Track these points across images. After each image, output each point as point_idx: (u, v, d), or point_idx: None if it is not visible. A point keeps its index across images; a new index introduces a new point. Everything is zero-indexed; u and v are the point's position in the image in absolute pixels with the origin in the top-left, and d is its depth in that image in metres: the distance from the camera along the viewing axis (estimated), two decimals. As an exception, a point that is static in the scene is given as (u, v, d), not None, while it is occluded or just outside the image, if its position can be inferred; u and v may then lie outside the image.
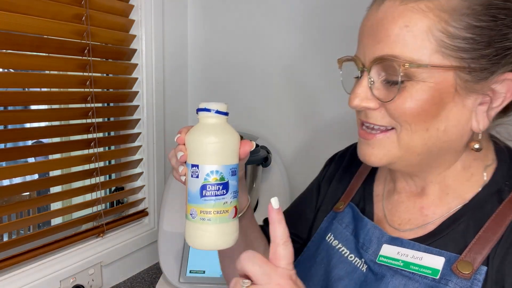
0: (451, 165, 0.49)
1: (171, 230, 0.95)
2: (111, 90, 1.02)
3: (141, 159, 1.09)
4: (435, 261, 0.46)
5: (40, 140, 0.97)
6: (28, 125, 0.84)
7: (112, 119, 1.07)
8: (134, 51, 1.04)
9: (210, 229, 0.47)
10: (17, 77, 0.80)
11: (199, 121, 0.48)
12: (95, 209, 0.98)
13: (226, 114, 0.49)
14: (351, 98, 0.47)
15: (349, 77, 0.52)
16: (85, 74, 0.91)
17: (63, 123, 0.96)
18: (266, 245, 0.64)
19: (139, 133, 1.08)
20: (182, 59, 1.23)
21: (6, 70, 0.92)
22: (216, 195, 0.46)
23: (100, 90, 0.96)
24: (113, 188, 1.11)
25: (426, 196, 0.52)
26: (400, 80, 0.43)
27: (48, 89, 0.94)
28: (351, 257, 0.54)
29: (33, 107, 1.04)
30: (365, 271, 0.51)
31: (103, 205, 0.99)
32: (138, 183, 1.10)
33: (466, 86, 0.43)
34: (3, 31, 0.74)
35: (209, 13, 1.20)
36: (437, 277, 0.45)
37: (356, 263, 0.53)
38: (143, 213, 1.11)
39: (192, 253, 0.91)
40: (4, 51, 0.77)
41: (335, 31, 1.00)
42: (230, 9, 1.16)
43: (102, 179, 0.97)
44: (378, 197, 0.58)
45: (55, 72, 0.87)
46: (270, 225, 0.43)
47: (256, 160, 0.92)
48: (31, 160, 1.50)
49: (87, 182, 0.95)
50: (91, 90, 0.92)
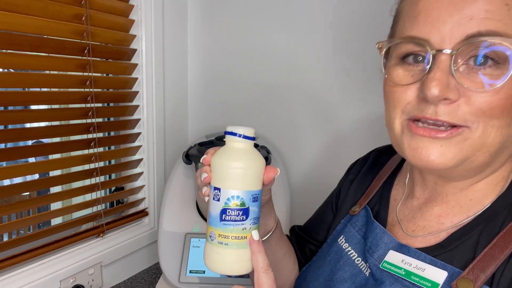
0: (499, 169, 0.45)
1: (171, 230, 0.95)
2: (111, 90, 1.02)
3: (141, 159, 1.09)
4: (437, 275, 0.44)
5: (40, 140, 0.97)
6: (28, 125, 0.84)
7: (112, 119, 1.07)
8: (134, 51, 1.04)
9: (227, 254, 0.47)
10: (17, 77, 0.80)
11: (226, 144, 0.48)
12: (95, 209, 0.98)
13: (252, 139, 0.48)
14: (428, 86, 0.39)
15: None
16: (85, 74, 0.91)
17: (63, 123, 0.96)
18: (294, 260, 0.66)
19: (139, 133, 1.08)
20: (182, 59, 1.23)
21: (6, 70, 0.92)
22: (235, 220, 0.46)
23: (100, 90, 0.96)
24: (113, 188, 1.11)
25: (445, 204, 0.48)
26: (502, 63, 0.37)
27: (48, 89, 0.94)
28: (358, 260, 0.53)
29: (33, 107, 1.04)
30: (367, 275, 0.50)
31: (103, 205, 0.99)
32: (138, 183, 1.10)
33: None
34: (3, 31, 0.74)
35: (209, 13, 1.20)
36: None
37: (361, 267, 0.52)
38: (143, 213, 1.11)
39: (192, 253, 0.91)
40: (4, 51, 0.77)
41: (334, 31, 1.00)
42: (230, 9, 1.16)
43: (102, 179, 0.97)
44: (395, 201, 0.56)
45: (55, 72, 0.87)
46: (252, 255, 0.46)
47: (256, 160, 0.92)
48: (31, 160, 1.50)
49: (87, 182, 0.95)
50: (91, 90, 0.92)
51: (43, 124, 0.87)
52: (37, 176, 1.10)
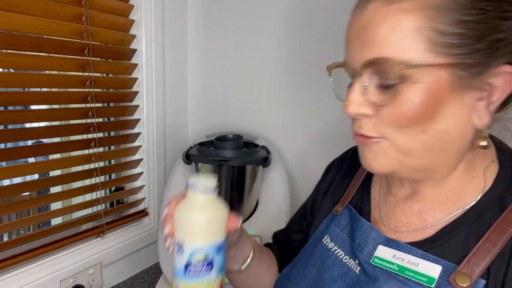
0: (456, 167, 0.48)
1: (171, 230, 0.95)
2: (111, 90, 1.03)
3: (141, 159, 1.09)
4: (431, 269, 0.45)
5: (40, 140, 0.97)
6: (28, 125, 0.84)
7: (112, 119, 1.07)
8: (134, 51, 1.04)
9: None
10: (17, 77, 0.80)
11: (187, 196, 0.48)
12: (95, 209, 0.98)
13: (213, 190, 0.47)
14: (345, 105, 0.46)
15: (340, 84, 0.51)
16: (85, 74, 0.91)
17: (63, 123, 0.96)
18: (275, 270, 0.67)
19: (139, 133, 1.08)
20: (182, 59, 1.23)
21: (6, 70, 0.92)
22: (199, 274, 0.45)
23: (100, 90, 0.96)
24: (113, 188, 1.11)
25: (423, 200, 0.50)
26: (394, 83, 0.42)
27: (48, 89, 0.94)
28: (345, 259, 0.53)
29: (33, 107, 1.04)
30: (358, 272, 0.50)
31: (103, 205, 0.99)
32: (138, 183, 1.10)
33: (462, 83, 0.42)
34: (3, 31, 0.74)
35: (209, 13, 1.20)
36: (433, 286, 0.44)
37: (350, 265, 0.52)
38: (143, 213, 1.11)
39: (192, 253, 0.91)
40: (4, 51, 0.77)
41: (334, 33, 1.00)
42: (230, 9, 1.16)
43: (102, 179, 0.97)
44: (375, 199, 0.57)
45: (55, 72, 0.87)
46: None
47: (256, 160, 0.92)
48: (31, 160, 1.50)
49: (87, 182, 0.95)
50: (91, 90, 0.92)
51: (43, 124, 0.87)
52: (37, 176, 1.10)
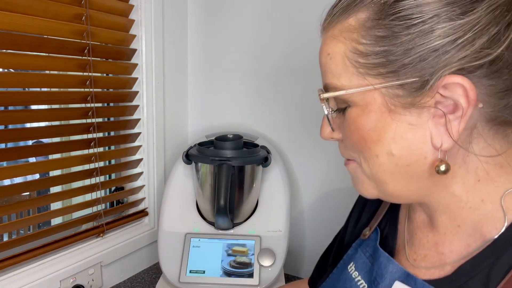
0: (447, 190, 0.42)
1: (171, 230, 0.95)
2: (111, 90, 1.03)
3: (141, 159, 1.09)
4: None
5: (40, 140, 0.97)
6: (28, 125, 0.84)
7: (112, 119, 1.07)
8: (134, 51, 1.04)
9: None
10: (17, 77, 0.80)
11: None
12: (95, 209, 0.98)
13: None
14: (320, 131, 0.47)
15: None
16: (85, 74, 0.91)
17: (63, 123, 0.96)
18: None
19: (139, 133, 1.08)
20: (182, 59, 1.23)
21: (6, 70, 0.92)
22: None
23: (100, 90, 0.96)
24: (113, 188, 1.11)
25: (437, 229, 0.45)
26: (342, 108, 0.43)
27: (48, 89, 0.94)
28: None
29: (33, 107, 1.04)
30: None
31: (103, 205, 0.99)
32: (138, 183, 1.10)
33: (401, 102, 0.38)
34: (3, 31, 0.74)
35: (209, 13, 1.20)
36: None
37: None
38: (143, 213, 1.11)
39: (192, 253, 0.91)
40: (4, 51, 0.77)
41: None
42: (230, 9, 1.16)
43: (102, 179, 0.97)
44: (401, 224, 0.53)
45: (55, 72, 0.87)
46: None
47: (256, 160, 0.92)
48: (31, 160, 1.50)
49: (87, 182, 0.95)
50: (91, 90, 0.92)
51: (43, 124, 0.87)
52: (37, 176, 1.10)
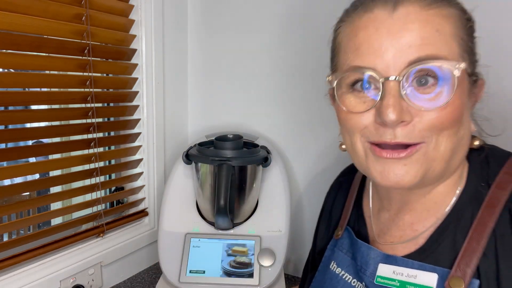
0: (455, 171, 0.49)
1: (171, 230, 0.95)
2: (111, 90, 1.03)
3: (141, 159, 1.09)
4: (428, 279, 0.45)
5: (40, 140, 0.97)
6: (28, 125, 0.84)
7: (112, 119, 1.07)
8: (134, 51, 1.04)
9: None
10: (17, 77, 0.80)
11: None
12: (95, 209, 0.98)
13: None
14: (387, 112, 0.42)
15: (347, 93, 0.50)
16: (85, 74, 0.91)
17: (63, 123, 0.96)
18: None
19: (139, 133, 1.08)
20: (182, 59, 1.23)
21: (6, 70, 0.92)
22: None
23: (100, 90, 0.96)
24: (113, 188, 1.11)
25: (414, 211, 0.51)
26: (435, 84, 0.42)
27: (48, 89, 0.94)
28: (354, 282, 0.54)
29: (33, 107, 1.04)
30: None
31: (103, 205, 0.99)
32: (138, 183, 1.10)
33: (469, 88, 0.45)
34: (3, 31, 0.74)
35: (209, 13, 1.20)
36: None
37: (357, 287, 0.53)
38: (143, 213, 1.11)
39: (192, 253, 0.91)
40: (4, 51, 0.77)
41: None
42: (230, 9, 1.16)
43: (102, 179, 0.97)
44: (368, 218, 0.58)
45: (55, 72, 0.87)
46: None
47: (256, 160, 0.92)
48: (31, 160, 1.50)
49: (87, 182, 0.95)
50: (91, 90, 0.92)
51: (43, 124, 0.87)
52: (37, 176, 1.10)
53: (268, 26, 1.10)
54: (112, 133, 1.12)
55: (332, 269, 0.58)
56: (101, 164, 0.97)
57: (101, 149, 0.98)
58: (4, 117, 0.81)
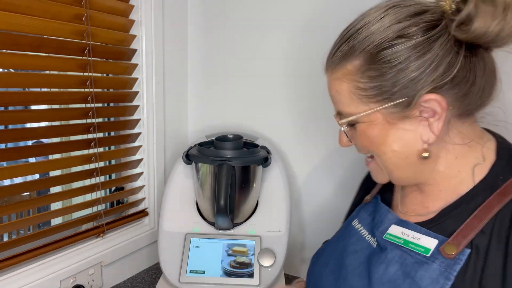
0: (434, 169, 0.57)
1: (171, 230, 0.95)
2: (111, 90, 1.03)
3: (141, 159, 1.09)
4: (429, 242, 0.54)
5: (40, 140, 0.97)
6: (28, 125, 0.84)
7: (112, 119, 1.07)
8: (134, 51, 1.04)
9: None
10: (17, 77, 0.80)
11: None
12: (95, 209, 0.98)
13: None
14: (339, 142, 0.64)
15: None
16: (85, 74, 0.91)
17: (63, 123, 0.96)
18: None
19: (139, 133, 1.08)
20: (182, 59, 1.23)
21: (6, 70, 0.92)
22: None
23: (100, 90, 0.96)
24: (113, 188, 1.11)
25: (424, 193, 0.60)
26: (352, 125, 0.58)
27: (48, 89, 0.94)
28: (368, 236, 0.64)
29: (33, 107, 1.04)
30: (375, 246, 0.61)
31: (103, 205, 0.99)
32: (138, 183, 1.10)
33: (397, 117, 0.53)
34: (3, 31, 0.74)
35: (209, 13, 1.20)
36: (428, 255, 0.53)
37: (369, 240, 0.63)
38: (143, 213, 1.11)
39: (192, 253, 0.91)
40: (4, 51, 0.77)
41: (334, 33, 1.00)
42: (230, 9, 1.16)
43: (102, 179, 0.97)
44: (396, 191, 0.69)
45: (55, 72, 0.87)
46: None
47: (256, 160, 0.92)
48: (31, 160, 1.50)
49: (87, 182, 0.96)
50: (91, 90, 0.92)
51: (43, 124, 0.87)
52: (37, 176, 1.10)
53: (268, 26, 1.10)
54: (112, 133, 1.12)
55: (353, 225, 0.69)
56: (101, 164, 0.97)
57: (101, 149, 0.98)
58: (4, 117, 0.81)
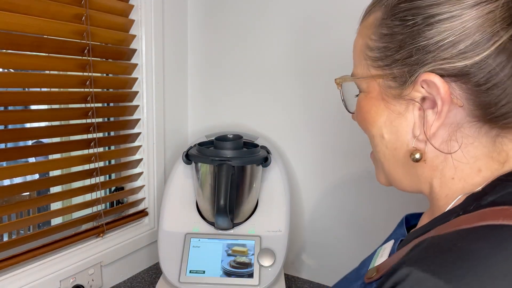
0: (430, 183, 0.45)
1: (171, 230, 0.95)
2: (111, 90, 1.03)
3: (141, 159, 1.09)
4: (390, 244, 0.51)
5: (40, 140, 0.97)
6: (28, 125, 0.84)
7: (112, 119, 1.07)
8: (134, 51, 1.04)
9: None
10: (17, 77, 0.80)
11: None
12: (95, 209, 0.98)
13: None
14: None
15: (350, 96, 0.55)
16: (85, 74, 0.91)
17: (63, 123, 0.96)
18: None
19: (139, 133, 1.08)
20: (182, 59, 1.23)
21: (6, 70, 0.92)
22: None
23: (100, 90, 0.96)
24: (113, 188, 1.11)
25: (430, 212, 0.49)
26: (357, 94, 0.50)
27: (48, 89, 0.94)
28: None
29: (33, 107, 1.04)
30: None
31: (103, 205, 0.99)
32: (138, 183, 1.10)
33: (392, 93, 0.43)
34: (3, 31, 0.74)
35: (209, 13, 1.20)
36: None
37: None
38: (143, 213, 1.11)
39: (192, 253, 0.91)
40: (4, 51, 0.77)
41: (334, 33, 1.00)
42: (230, 9, 1.16)
43: (102, 179, 0.97)
44: None
45: (55, 72, 0.87)
46: None
47: (256, 160, 0.92)
48: (31, 160, 1.50)
49: (87, 182, 0.96)
50: (91, 90, 0.92)
51: (43, 124, 0.87)
52: (37, 176, 1.10)
53: (268, 26, 1.10)
54: (112, 133, 1.12)
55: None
56: (101, 164, 0.97)
57: (101, 149, 0.98)
58: (4, 117, 0.81)
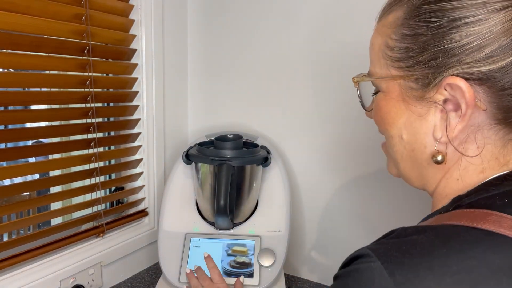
0: (437, 183, 0.46)
1: (171, 230, 0.95)
2: (111, 90, 1.03)
3: (141, 159, 1.09)
4: None
5: (40, 140, 0.97)
6: (28, 125, 0.84)
7: (112, 119, 1.07)
8: (134, 51, 1.04)
9: None
10: (17, 77, 0.80)
11: None
12: (95, 209, 0.98)
13: None
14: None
15: (367, 94, 0.55)
16: (85, 74, 0.91)
17: (63, 123, 0.96)
18: None
19: (139, 133, 1.08)
20: (182, 59, 1.23)
21: (6, 70, 0.92)
22: None
23: (100, 90, 0.96)
24: (113, 188, 1.11)
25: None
26: (374, 92, 0.50)
27: (48, 89, 0.94)
28: None
29: (33, 107, 1.04)
30: None
31: (103, 205, 0.99)
32: (138, 183, 1.10)
33: (413, 95, 0.43)
34: (3, 31, 0.74)
35: (209, 13, 1.20)
36: None
37: None
38: (143, 213, 1.11)
39: (192, 253, 0.91)
40: (4, 51, 0.77)
41: (334, 33, 1.00)
42: (230, 9, 1.16)
43: (102, 179, 0.97)
44: None
45: (55, 72, 0.87)
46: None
47: (256, 160, 0.92)
48: (31, 160, 1.50)
49: (87, 182, 0.95)
50: (91, 90, 0.92)
51: (43, 124, 0.87)
52: (37, 176, 1.10)
53: (268, 26, 1.10)
54: (112, 133, 1.12)
55: None
56: (101, 164, 0.97)
57: (101, 149, 0.98)
58: (4, 117, 0.81)
